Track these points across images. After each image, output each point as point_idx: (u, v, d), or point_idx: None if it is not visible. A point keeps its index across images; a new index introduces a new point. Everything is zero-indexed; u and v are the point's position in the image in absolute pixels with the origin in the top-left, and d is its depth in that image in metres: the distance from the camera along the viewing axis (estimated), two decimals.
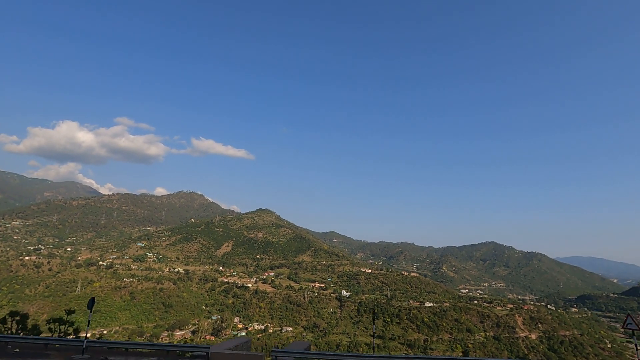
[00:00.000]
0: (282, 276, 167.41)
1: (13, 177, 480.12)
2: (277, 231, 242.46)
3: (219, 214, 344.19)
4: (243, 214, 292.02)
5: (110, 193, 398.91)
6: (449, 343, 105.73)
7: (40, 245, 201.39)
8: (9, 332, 22.56)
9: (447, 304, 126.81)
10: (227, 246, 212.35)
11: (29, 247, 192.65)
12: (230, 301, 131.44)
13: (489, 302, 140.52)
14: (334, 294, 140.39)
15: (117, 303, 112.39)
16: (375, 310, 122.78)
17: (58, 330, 24.26)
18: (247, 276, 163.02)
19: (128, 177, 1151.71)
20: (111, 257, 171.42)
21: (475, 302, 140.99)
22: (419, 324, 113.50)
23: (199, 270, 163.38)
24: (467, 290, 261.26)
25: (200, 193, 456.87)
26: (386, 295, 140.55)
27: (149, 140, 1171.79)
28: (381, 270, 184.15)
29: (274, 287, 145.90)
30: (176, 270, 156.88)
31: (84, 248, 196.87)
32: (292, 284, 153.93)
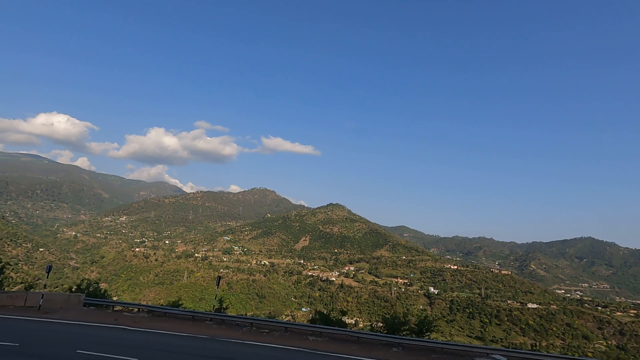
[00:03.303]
0: (363, 270, 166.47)
1: (115, 179, 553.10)
2: (351, 225, 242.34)
3: (290, 209, 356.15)
4: (315, 208, 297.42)
5: (193, 191, 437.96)
6: (562, 350, 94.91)
7: (144, 238, 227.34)
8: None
9: (555, 306, 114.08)
10: (305, 240, 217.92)
11: (135, 240, 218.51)
12: (317, 294, 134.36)
13: (604, 307, 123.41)
14: (421, 290, 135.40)
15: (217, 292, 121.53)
16: (470, 310, 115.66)
17: None
18: (328, 270, 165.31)
19: (206, 176, 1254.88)
20: (203, 249, 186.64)
21: (586, 305, 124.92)
22: (523, 326, 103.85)
23: (282, 263, 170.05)
24: (562, 291, 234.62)
25: (271, 189, 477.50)
26: (479, 294, 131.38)
27: (224, 141, 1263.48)
28: (467, 266, 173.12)
29: (357, 281, 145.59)
30: (262, 262, 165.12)
31: (179, 241, 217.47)
32: (375, 278, 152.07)
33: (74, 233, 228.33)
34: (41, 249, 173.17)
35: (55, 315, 19.10)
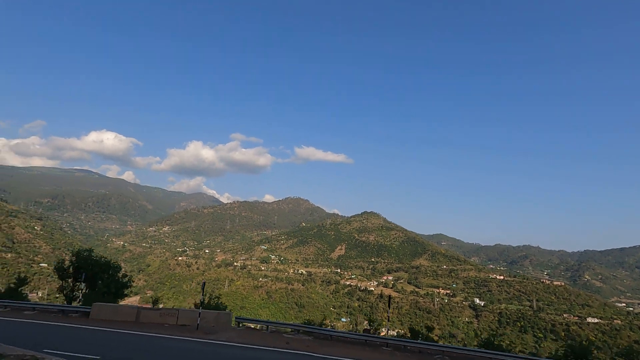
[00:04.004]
0: (402, 280, 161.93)
1: (158, 191, 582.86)
2: (387, 234, 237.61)
3: (324, 217, 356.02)
4: (350, 217, 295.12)
5: (229, 201, 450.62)
6: None
7: (185, 248, 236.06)
8: None
9: (619, 321, 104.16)
10: (341, 249, 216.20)
11: (178, 249, 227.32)
12: (356, 304, 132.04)
13: None
14: (465, 301, 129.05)
15: (257, 301, 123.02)
16: (522, 323, 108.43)
17: None
18: (366, 279, 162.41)
19: (241, 186, 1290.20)
20: (241, 258, 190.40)
21: None
22: (584, 343, 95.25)
23: (319, 272, 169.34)
24: (623, 304, 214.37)
25: (305, 198, 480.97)
26: (531, 307, 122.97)
27: (258, 152, 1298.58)
28: (514, 277, 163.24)
29: (397, 291, 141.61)
30: (299, 272, 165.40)
31: (218, 250, 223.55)
32: (415, 289, 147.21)
33: (122, 243, 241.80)
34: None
35: (218, 336, 17.29)
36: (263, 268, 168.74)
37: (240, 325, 21.02)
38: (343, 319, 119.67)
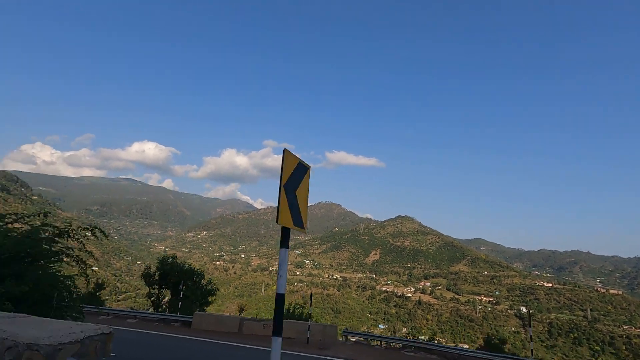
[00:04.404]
0: (440, 287, 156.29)
1: (195, 198, 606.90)
2: (423, 239, 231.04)
3: (357, 222, 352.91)
4: (384, 221, 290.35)
5: (263, 207, 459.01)
6: None
7: (222, 252, 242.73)
8: None
9: None
10: (375, 254, 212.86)
11: (215, 254, 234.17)
12: (393, 310, 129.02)
13: None
14: (511, 310, 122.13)
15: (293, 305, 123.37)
16: (575, 335, 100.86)
17: None
18: (402, 285, 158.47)
19: (274, 192, 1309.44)
20: (276, 263, 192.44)
21: None
22: None
23: (354, 277, 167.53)
24: None
25: (337, 203, 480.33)
26: (585, 317, 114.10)
27: None
28: (564, 284, 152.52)
29: (435, 298, 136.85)
30: (334, 277, 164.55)
31: (254, 255, 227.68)
32: (455, 295, 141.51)
33: (163, 248, 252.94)
34: (138, 262, 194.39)
35: (334, 352, 15.52)
36: (298, 273, 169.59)
37: (348, 339, 19.34)
38: (380, 326, 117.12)
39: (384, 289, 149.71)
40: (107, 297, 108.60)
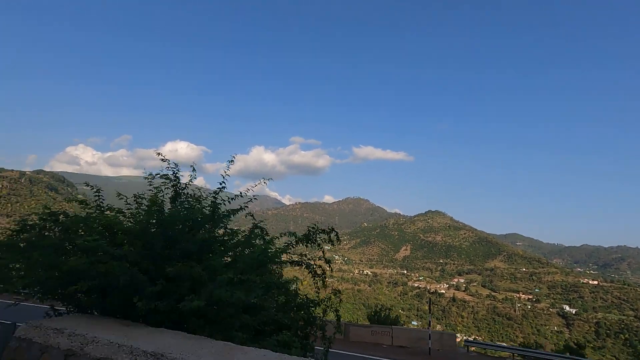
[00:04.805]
0: (475, 283, 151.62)
1: (226, 195, 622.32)
2: (455, 234, 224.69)
3: (385, 217, 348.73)
4: (414, 216, 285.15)
5: (291, 203, 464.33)
6: None
7: None
8: None
9: None
10: (406, 250, 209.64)
11: None
12: (426, 307, 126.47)
13: None
14: (553, 308, 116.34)
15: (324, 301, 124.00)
16: (626, 336, 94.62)
17: None
18: (435, 281, 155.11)
19: (302, 188, 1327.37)
20: (307, 258, 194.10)
21: None
22: None
23: (385, 273, 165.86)
24: None
25: (365, 198, 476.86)
26: (637, 317, 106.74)
27: (317, 154, 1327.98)
28: (611, 282, 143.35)
29: (471, 295, 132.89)
30: (364, 272, 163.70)
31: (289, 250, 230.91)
32: (491, 292, 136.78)
33: None
34: None
35: None
36: (327, 268, 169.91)
37: (469, 349, 17.42)
38: (414, 322, 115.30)
39: (415, 285, 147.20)
40: None
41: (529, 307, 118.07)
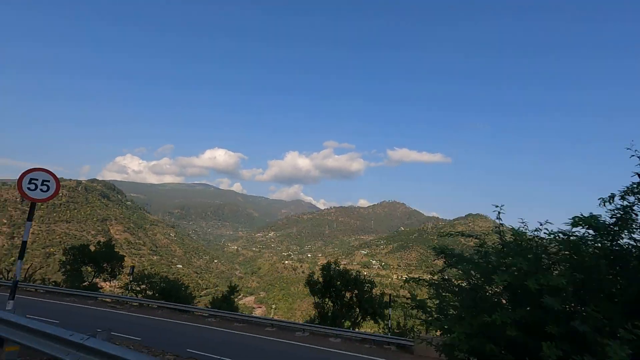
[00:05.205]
0: None
1: (261, 200, 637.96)
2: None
3: (422, 221, 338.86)
4: (453, 220, 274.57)
5: (325, 207, 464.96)
6: None
7: (289, 252, 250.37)
8: None
9: None
10: None
11: (283, 253, 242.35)
12: None
13: None
14: None
15: None
16: None
17: None
18: None
19: (336, 192, 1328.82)
20: (342, 262, 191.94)
21: None
22: None
23: (426, 279, 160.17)
24: None
25: (401, 202, 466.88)
26: None
27: (351, 158, 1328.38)
28: None
29: None
30: (403, 277, 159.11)
31: (320, 254, 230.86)
32: None
33: (236, 247, 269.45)
34: (215, 261, 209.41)
35: None
36: (365, 273, 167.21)
37: None
38: None
39: None
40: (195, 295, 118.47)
41: None
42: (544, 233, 3.61)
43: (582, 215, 3.20)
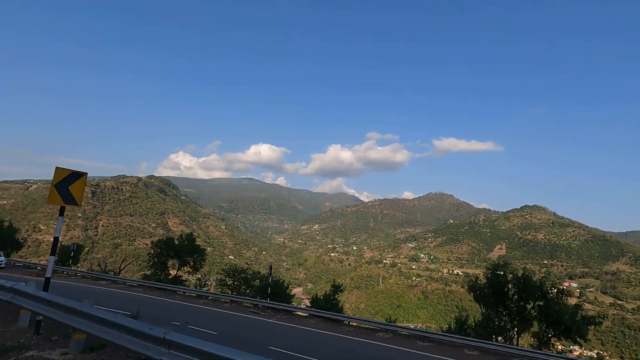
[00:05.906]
0: (592, 289, 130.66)
1: (305, 193, 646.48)
2: (562, 231, 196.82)
3: (472, 213, 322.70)
4: (507, 212, 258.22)
5: (368, 199, 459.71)
6: None
7: (334, 245, 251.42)
8: None
9: None
10: (501, 248, 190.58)
11: (328, 246, 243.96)
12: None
13: None
14: None
15: (413, 300, 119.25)
16: None
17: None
18: None
19: (379, 184, 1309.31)
20: (389, 256, 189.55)
21: None
22: None
23: (478, 273, 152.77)
24: None
25: (449, 193, 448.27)
26: None
27: (394, 149, 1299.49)
28: None
29: (588, 302, 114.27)
30: (455, 272, 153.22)
31: (365, 247, 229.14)
32: (616, 301, 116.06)
33: (282, 239, 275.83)
34: (263, 252, 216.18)
35: None
36: (414, 267, 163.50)
37: None
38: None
39: None
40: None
41: None
42: None
43: None
